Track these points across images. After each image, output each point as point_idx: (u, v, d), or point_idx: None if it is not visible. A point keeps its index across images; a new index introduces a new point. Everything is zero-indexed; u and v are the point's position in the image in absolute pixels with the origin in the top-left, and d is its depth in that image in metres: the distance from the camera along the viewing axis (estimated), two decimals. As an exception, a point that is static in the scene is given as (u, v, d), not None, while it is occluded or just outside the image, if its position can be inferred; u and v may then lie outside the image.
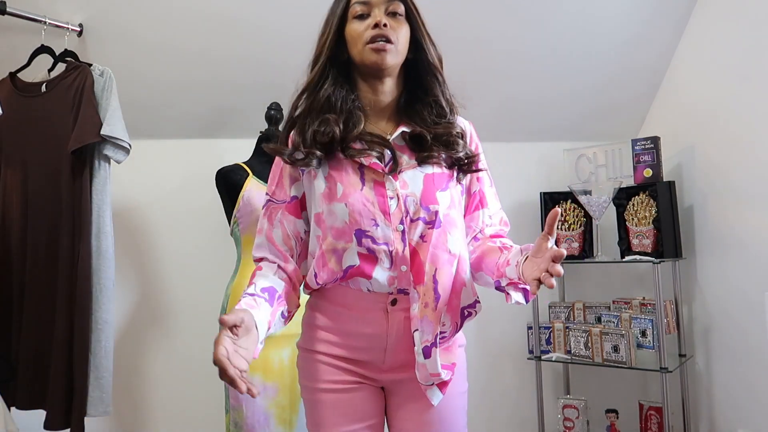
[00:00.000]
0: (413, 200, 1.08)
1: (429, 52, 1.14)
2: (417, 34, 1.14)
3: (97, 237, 1.76)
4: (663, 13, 2.06)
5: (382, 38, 1.08)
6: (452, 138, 1.12)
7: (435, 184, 1.10)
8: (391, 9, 1.11)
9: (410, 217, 1.07)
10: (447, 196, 1.10)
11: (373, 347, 1.10)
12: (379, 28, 1.08)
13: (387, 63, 1.10)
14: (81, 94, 1.77)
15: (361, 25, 1.11)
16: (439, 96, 1.14)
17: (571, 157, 2.19)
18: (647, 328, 1.95)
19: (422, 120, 1.13)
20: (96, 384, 1.71)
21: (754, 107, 1.74)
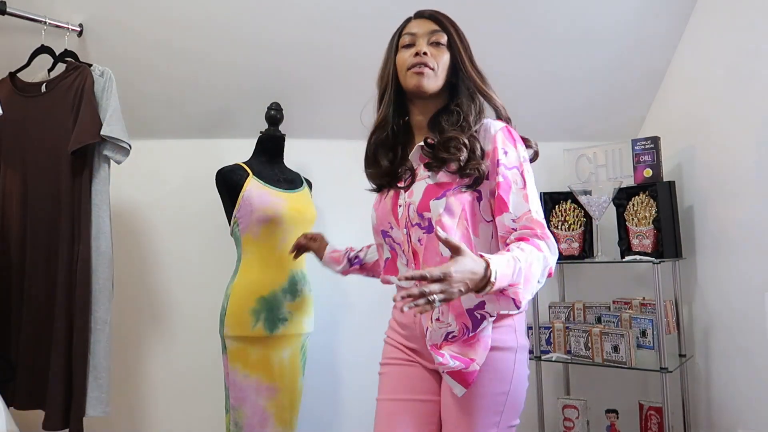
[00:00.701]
0: (413, 208, 1.22)
1: (469, 78, 1.28)
2: (456, 61, 1.28)
3: (96, 237, 1.76)
4: (663, 14, 2.06)
5: (420, 64, 1.24)
6: (456, 144, 1.20)
7: (431, 193, 1.20)
8: (433, 39, 1.28)
9: (410, 223, 1.23)
10: (441, 204, 1.18)
11: (412, 336, 1.26)
12: (420, 56, 1.25)
13: (425, 86, 1.24)
14: (81, 94, 1.77)
15: (406, 53, 1.28)
16: (462, 103, 1.26)
17: (571, 157, 2.19)
18: (647, 328, 1.95)
19: (441, 128, 1.25)
20: (95, 384, 1.71)
21: (754, 107, 1.74)
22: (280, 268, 1.85)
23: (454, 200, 1.18)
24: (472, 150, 1.20)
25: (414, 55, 1.25)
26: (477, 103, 1.27)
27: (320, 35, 2.02)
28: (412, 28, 1.31)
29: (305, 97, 2.16)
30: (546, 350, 2.11)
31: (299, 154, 2.21)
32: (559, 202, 2.23)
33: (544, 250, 1.12)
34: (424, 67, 1.24)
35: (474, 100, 1.27)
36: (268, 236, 1.83)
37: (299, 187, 2.01)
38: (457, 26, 1.32)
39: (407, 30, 1.31)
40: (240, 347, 1.77)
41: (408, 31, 1.30)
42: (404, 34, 1.31)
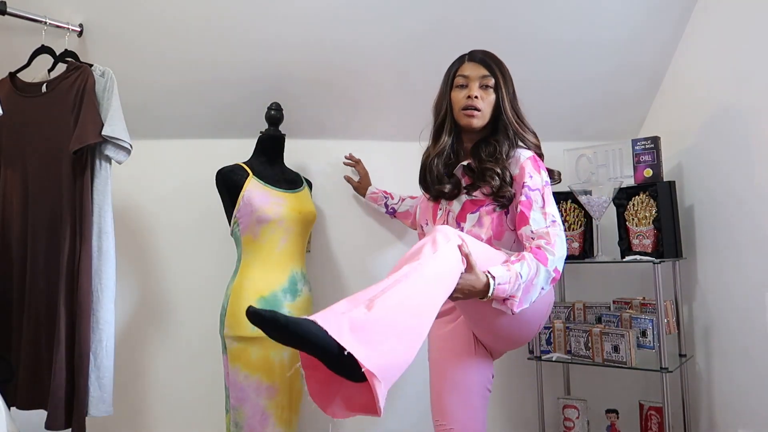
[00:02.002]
0: (452, 216, 1.59)
1: (507, 115, 1.59)
2: (500, 102, 1.59)
3: (98, 237, 1.76)
4: (663, 13, 2.06)
5: (472, 107, 1.56)
6: (489, 174, 1.52)
7: (468, 207, 1.57)
8: (483, 83, 1.59)
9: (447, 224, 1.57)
10: (474, 218, 1.55)
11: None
12: (471, 99, 1.57)
13: (474, 126, 1.59)
14: (82, 94, 1.76)
15: (460, 94, 1.60)
16: (500, 139, 1.57)
17: (571, 157, 2.19)
18: (647, 328, 1.95)
19: (479, 157, 1.57)
20: (97, 384, 1.71)
21: (754, 107, 1.74)
22: (281, 268, 1.85)
23: (485, 215, 1.54)
24: (503, 179, 1.51)
25: (467, 98, 1.57)
26: (511, 137, 1.57)
27: (320, 35, 2.02)
28: (465, 70, 1.61)
29: (305, 97, 2.16)
30: (546, 350, 2.11)
31: (299, 154, 2.21)
32: (559, 202, 2.22)
33: (549, 261, 1.39)
34: (474, 110, 1.56)
35: (508, 135, 1.57)
36: (269, 236, 1.83)
37: (299, 187, 2.01)
38: (504, 69, 1.61)
39: (461, 72, 1.61)
40: (240, 347, 1.77)
41: (461, 73, 1.61)
42: (458, 75, 1.61)
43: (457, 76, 1.61)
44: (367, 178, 2.22)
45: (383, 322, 1.07)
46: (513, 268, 1.33)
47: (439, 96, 1.66)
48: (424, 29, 2.03)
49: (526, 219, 1.47)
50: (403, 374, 1.10)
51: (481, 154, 1.56)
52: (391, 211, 2.13)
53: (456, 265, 1.24)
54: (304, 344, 1.03)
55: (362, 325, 1.04)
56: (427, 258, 1.20)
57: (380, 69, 2.13)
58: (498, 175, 1.51)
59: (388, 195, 2.14)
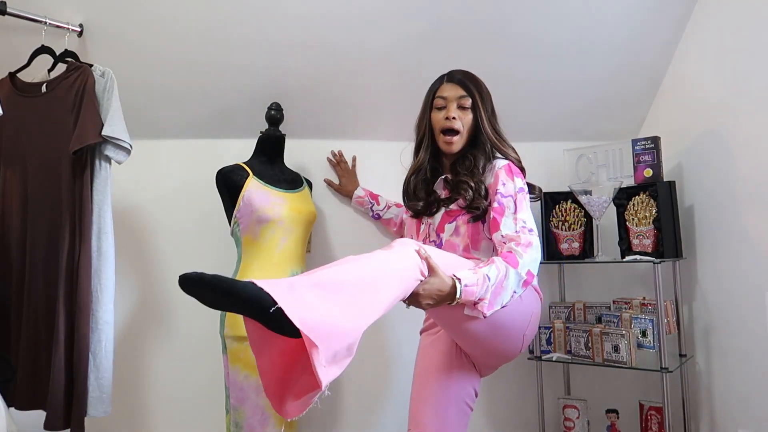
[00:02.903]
0: (432, 228, 1.67)
1: (484, 133, 1.65)
2: (478, 120, 1.66)
3: (97, 237, 1.76)
4: (663, 13, 2.06)
5: (449, 131, 1.65)
6: (464, 186, 1.59)
7: (445, 219, 1.64)
8: (460, 104, 1.66)
9: (428, 238, 1.67)
10: (451, 227, 1.62)
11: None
12: (449, 120, 1.64)
13: (453, 150, 1.67)
14: (82, 94, 1.76)
15: (439, 115, 1.68)
16: (477, 154, 1.64)
17: (571, 157, 2.19)
18: (648, 328, 1.95)
19: (455, 171, 1.65)
20: (96, 384, 1.71)
21: (754, 107, 1.74)
22: (281, 268, 1.85)
23: (461, 224, 1.60)
24: (477, 191, 1.57)
25: (445, 119, 1.65)
26: (487, 152, 1.64)
27: (320, 36, 2.02)
28: (444, 91, 1.68)
29: (305, 97, 2.16)
30: (546, 350, 2.11)
31: (299, 154, 2.21)
32: (559, 202, 2.23)
33: (519, 264, 1.40)
34: (452, 134, 1.65)
35: (485, 150, 1.64)
36: (269, 236, 1.83)
37: (299, 187, 2.01)
38: (482, 88, 1.68)
39: (440, 93, 1.69)
40: (240, 347, 1.77)
41: (440, 95, 1.68)
42: (437, 96, 1.69)
43: (436, 98, 1.69)
44: (352, 180, 2.22)
45: (323, 288, 1.08)
46: (480, 271, 1.34)
47: (420, 115, 1.75)
48: (424, 30, 2.03)
49: (498, 224, 1.51)
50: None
51: (457, 168, 1.64)
52: (376, 216, 2.17)
53: (412, 263, 1.24)
54: (237, 301, 1.03)
55: (298, 287, 1.05)
56: (379, 251, 1.26)
57: (380, 69, 2.13)
58: (471, 188, 1.57)
59: (374, 200, 2.16)
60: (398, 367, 2.23)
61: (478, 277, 1.32)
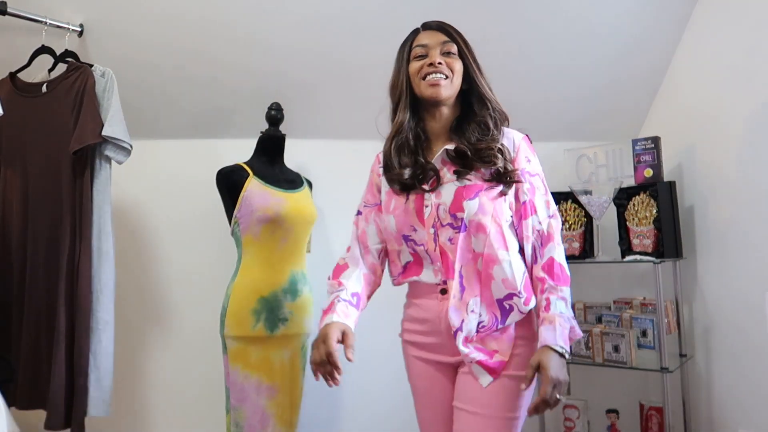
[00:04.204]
0: (444, 208, 1.29)
1: (480, 84, 1.35)
2: (469, 70, 1.35)
3: (98, 237, 1.76)
4: (663, 14, 2.06)
5: (436, 73, 1.30)
6: (491, 152, 1.29)
7: (464, 194, 1.27)
8: (445, 50, 1.34)
9: (440, 222, 1.29)
10: (474, 204, 1.27)
11: (433, 330, 1.31)
12: (434, 66, 1.31)
13: (441, 95, 1.31)
14: (82, 94, 1.76)
15: (420, 63, 1.34)
16: (485, 117, 1.33)
17: (571, 157, 2.19)
18: (648, 328, 1.95)
19: (468, 138, 1.32)
20: (96, 384, 1.71)
21: (754, 107, 1.74)
22: (281, 268, 1.85)
23: (486, 200, 1.27)
24: (505, 158, 1.31)
25: (429, 65, 1.31)
26: (491, 113, 1.34)
27: (320, 36, 2.02)
28: (423, 39, 1.36)
29: (305, 97, 2.16)
30: (546, 350, 2.11)
31: (299, 154, 2.21)
32: (559, 202, 2.23)
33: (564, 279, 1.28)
34: (440, 78, 1.30)
35: (488, 109, 1.34)
36: (269, 236, 1.83)
37: (300, 187, 2.01)
38: (464, 36, 1.39)
39: (417, 42, 1.37)
40: (240, 347, 1.77)
41: (419, 43, 1.36)
42: (415, 46, 1.36)
43: (414, 47, 1.36)
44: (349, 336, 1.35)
45: None
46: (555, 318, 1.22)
47: (394, 75, 1.41)
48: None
49: (534, 208, 1.31)
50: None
51: (468, 134, 1.32)
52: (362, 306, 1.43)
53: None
54: None
55: None
56: None
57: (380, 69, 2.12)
58: (501, 152, 1.29)
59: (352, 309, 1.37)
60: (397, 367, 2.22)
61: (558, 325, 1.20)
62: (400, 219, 1.32)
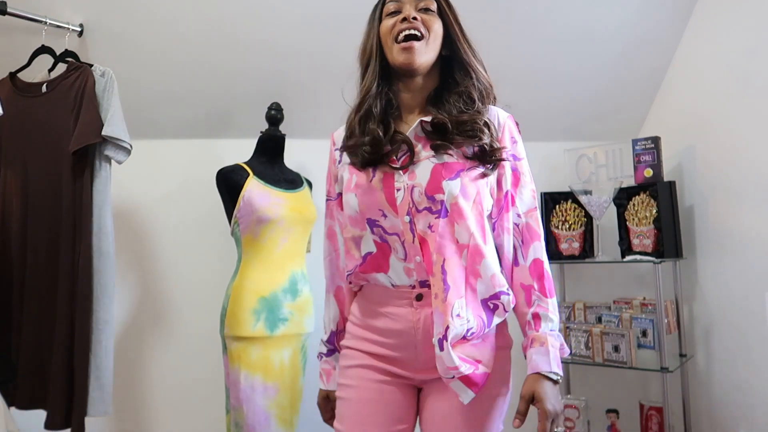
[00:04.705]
0: (419, 191, 1.06)
1: (462, 49, 1.14)
2: (450, 31, 1.14)
3: (97, 237, 1.76)
4: (663, 14, 2.06)
5: (410, 36, 1.09)
6: (476, 126, 1.09)
7: (443, 173, 1.06)
8: (422, 5, 1.13)
9: (416, 208, 1.07)
10: (456, 185, 1.06)
11: (403, 344, 1.10)
12: (408, 21, 1.09)
13: (416, 62, 1.10)
14: (82, 94, 1.76)
15: (392, 20, 1.12)
16: (469, 87, 1.13)
17: (571, 157, 2.19)
18: (648, 328, 1.95)
19: (448, 110, 1.12)
20: (96, 384, 1.71)
21: (754, 107, 1.74)
22: (281, 268, 1.85)
23: (468, 182, 1.07)
24: (491, 135, 1.11)
25: (402, 21, 1.10)
26: (477, 83, 1.14)
27: (320, 36, 2.02)
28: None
29: (305, 97, 2.16)
30: (546, 350, 2.11)
31: (299, 154, 2.21)
32: (559, 202, 2.23)
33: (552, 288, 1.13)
34: (414, 40, 1.09)
35: (472, 78, 1.14)
36: (269, 236, 1.83)
37: (300, 187, 2.01)
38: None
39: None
40: (240, 347, 1.77)
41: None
42: (388, 1, 1.15)
43: (387, 3, 1.16)
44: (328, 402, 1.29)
45: None
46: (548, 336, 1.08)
47: (365, 37, 1.21)
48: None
49: (518, 197, 1.14)
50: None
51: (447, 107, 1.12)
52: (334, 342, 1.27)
53: None
54: None
55: None
56: None
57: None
58: (488, 127, 1.10)
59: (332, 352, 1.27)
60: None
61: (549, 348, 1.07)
62: (365, 199, 1.09)
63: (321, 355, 1.27)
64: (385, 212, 1.08)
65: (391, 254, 1.09)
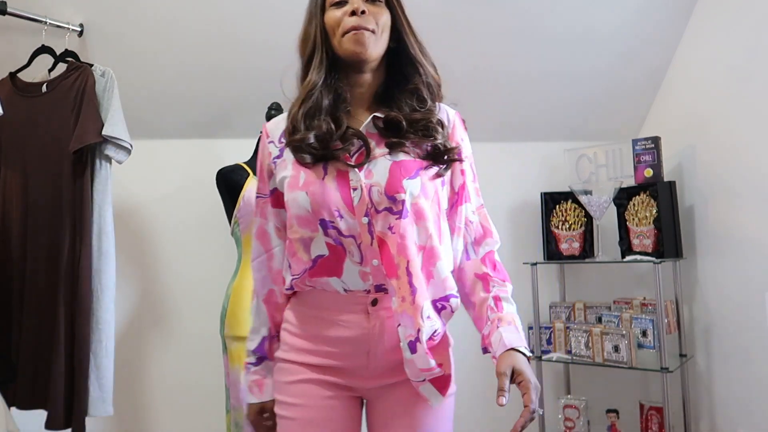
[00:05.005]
0: (378, 190, 1.01)
1: (410, 43, 1.10)
2: (397, 23, 1.10)
3: (98, 237, 1.76)
4: (663, 14, 2.06)
5: (360, 28, 1.03)
6: (430, 125, 1.07)
7: (402, 171, 1.03)
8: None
9: (375, 208, 1.01)
10: (416, 185, 1.03)
11: (355, 352, 1.04)
12: (357, 15, 1.03)
13: (367, 54, 1.05)
14: (82, 94, 1.76)
15: (338, 12, 1.06)
16: (419, 84, 1.09)
17: (571, 157, 2.19)
18: (648, 328, 1.95)
19: (400, 107, 1.08)
20: (97, 384, 1.71)
21: (754, 107, 1.74)
22: (281, 268, 1.85)
23: (427, 181, 1.05)
24: (444, 134, 1.09)
25: (350, 15, 1.04)
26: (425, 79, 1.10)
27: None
28: None
29: (306, 97, 2.16)
30: (547, 350, 2.11)
31: (300, 154, 2.21)
32: (559, 202, 2.23)
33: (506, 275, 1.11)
34: (364, 30, 1.04)
35: (421, 73, 1.10)
36: (269, 236, 1.83)
37: (300, 187, 2.01)
38: None
39: None
40: (240, 347, 1.77)
41: None
42: None
43: None
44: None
45: None
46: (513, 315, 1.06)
47: (305, 27, 1.15)
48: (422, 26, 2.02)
49: (467, 196, 1.13)
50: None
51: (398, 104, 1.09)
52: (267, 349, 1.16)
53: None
54: None
55: None
56: None
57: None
58: (442, 126, 1.09)
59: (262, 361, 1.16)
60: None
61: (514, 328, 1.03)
62: (317, 198, 1.01)
63: (249, 365, 1.13)
64: (342, 213, 1.01)
65: (346, 257, 1.02)
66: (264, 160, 1.14)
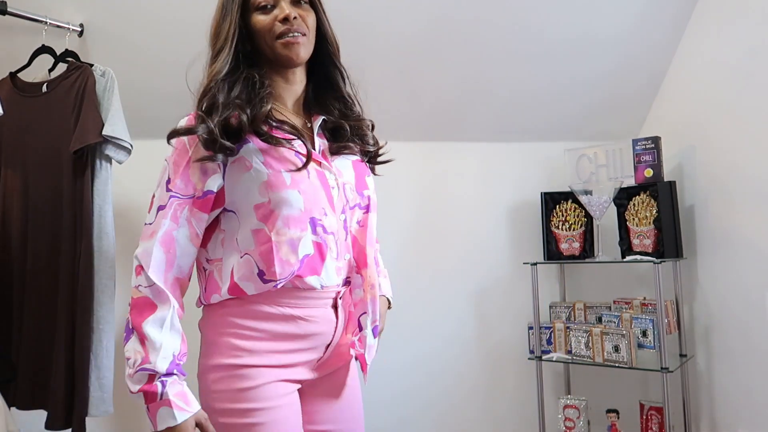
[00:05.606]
0: (350, 187, 1.10)
1: (333, 49, 1.15)
2: (321, 23, 1.13)
3: (98, 237, 1.76)
4: (663, 13, 2.06)
5: (294, 32, 1.06)
6: (364, 131, 1.17)
7: (362, 170, 1.16)
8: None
9: (349, 204, 1.10)
10: (372, 181, 1.18)
11: (318, 346, 1.07)
12: (290, 22, 1.05)
13: (301, 57, 1.08)
14: (82, 94, 1.76)
15: (268, 17, 1.07)
16: (347, 91, 1.17)
17: (571, 157, 2.19)
18: (648, 328, 1.95)
19: (331, 112, 1.14)
20: (97, 384, 1.71)
21: (754, 107, 1.74)
22: (281, 268, 1.85)
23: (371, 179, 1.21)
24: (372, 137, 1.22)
25: (282, 20, 1.05)
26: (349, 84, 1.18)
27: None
28: None
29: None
30: (547, 350, 2.11)
31: (300, 154, 2.21)
32: (559, 202, 2.23)
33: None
34: (300, 35, 1.06)
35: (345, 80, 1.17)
36: (269, 236, 1.83)
37: (300, 187, 2.01)
38: None
39: None
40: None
41: None
42: None
43: None
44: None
45: None
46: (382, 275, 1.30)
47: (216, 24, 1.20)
48: (423, 28, 2.03)
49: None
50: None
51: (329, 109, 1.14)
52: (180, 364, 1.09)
53: None
54: None
55: None
56: None
57: (379, 68, 2.13)
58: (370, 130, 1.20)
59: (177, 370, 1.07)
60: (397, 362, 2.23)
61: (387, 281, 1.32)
62: (310, 197, 1.02)
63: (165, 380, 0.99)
64: (326, 210, 1.05)
65: (327, 254, 1.04)
66: (196, 150, 1.11)
